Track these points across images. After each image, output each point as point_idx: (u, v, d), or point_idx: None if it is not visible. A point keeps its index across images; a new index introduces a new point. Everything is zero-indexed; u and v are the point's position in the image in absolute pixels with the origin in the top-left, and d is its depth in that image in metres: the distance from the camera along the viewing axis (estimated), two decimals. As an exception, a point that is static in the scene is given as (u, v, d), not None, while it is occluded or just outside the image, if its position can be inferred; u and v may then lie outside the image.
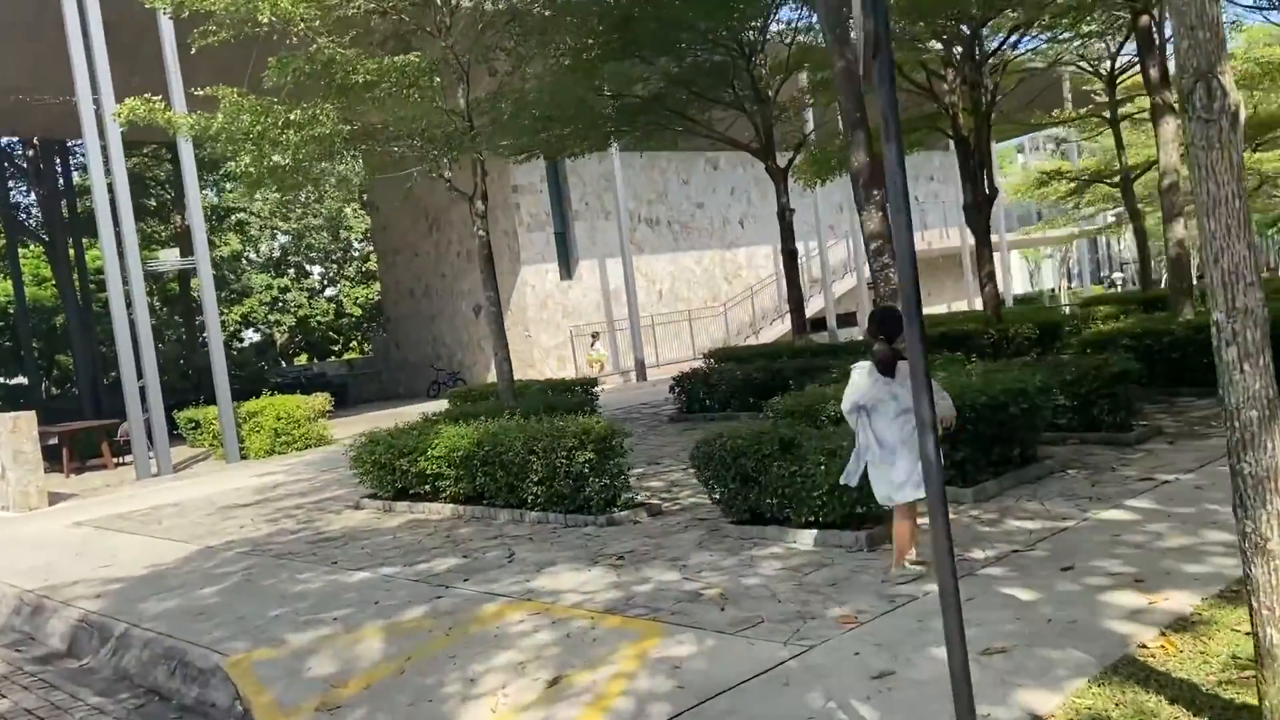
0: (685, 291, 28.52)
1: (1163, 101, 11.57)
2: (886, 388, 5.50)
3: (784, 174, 15.84)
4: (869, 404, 5.57)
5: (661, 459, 11.26)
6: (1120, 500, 6.78)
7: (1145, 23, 11.62)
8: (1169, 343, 11.05)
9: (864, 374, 5.60)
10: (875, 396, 5.54)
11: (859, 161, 8.20)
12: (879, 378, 5.52)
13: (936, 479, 3.12)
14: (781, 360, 14.14)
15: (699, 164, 29.11)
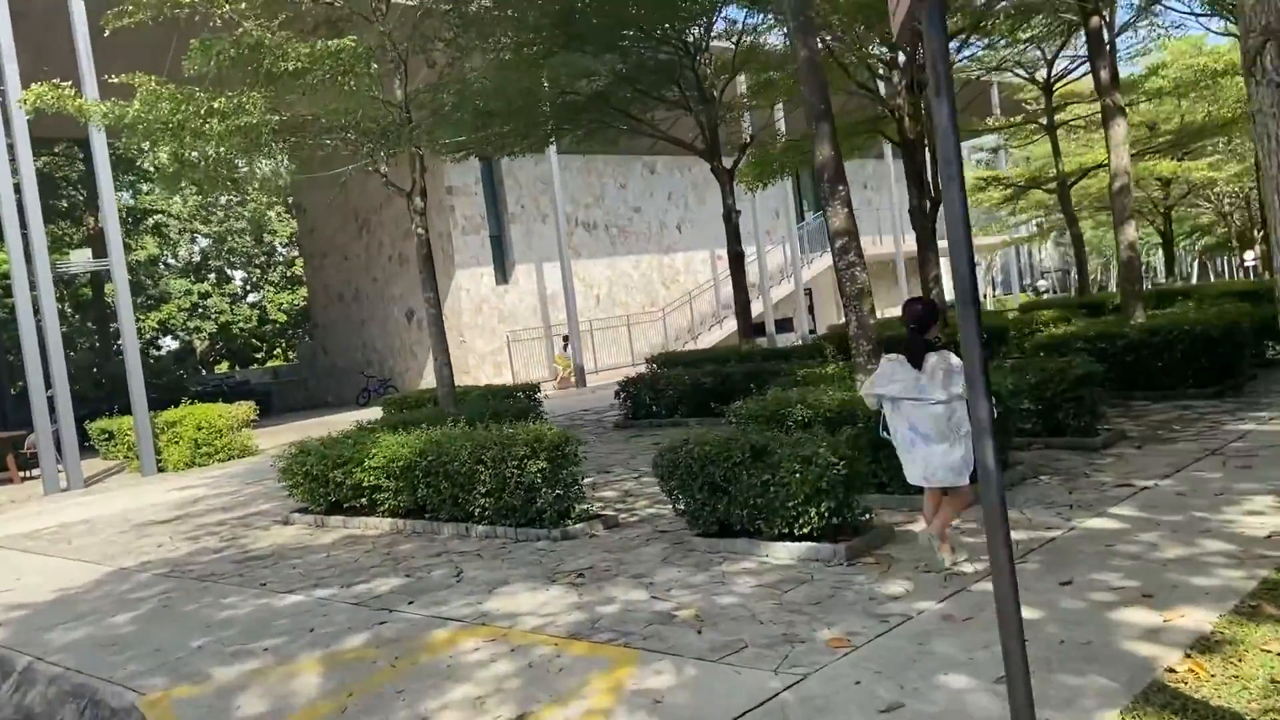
0: (623, 296, 28.09)
1: (1113, 103, 11.50)
2: (915, 380, 5.40)
3: (729, 175, 15.51)
4: (897, 394, 5.47)
5: (612, 467, 10.77)
6: (1103, 508, 6.50)
7: (1096, 24, 11.54)
8: (1123, 346, 10.95)
9: (893, 364, 5.54)
10: (904, 387, 5.45)
11: (824, 155, 7.84)
12: (909, 369, 5.43)
13: (995, 489, 2.70)
14: (730, 365, 13.77)
15: (636, 168, 28.73)
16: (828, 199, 7.87)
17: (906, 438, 5.52)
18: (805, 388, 8.47)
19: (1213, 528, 5.70)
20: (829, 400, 7.52)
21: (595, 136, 16.14)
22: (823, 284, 34.02)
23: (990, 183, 23.20)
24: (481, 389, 15.18)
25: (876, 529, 6.35)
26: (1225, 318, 10.96)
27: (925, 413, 5.39)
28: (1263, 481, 6.61)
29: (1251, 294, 15.13)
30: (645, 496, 8.91)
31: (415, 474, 8.32)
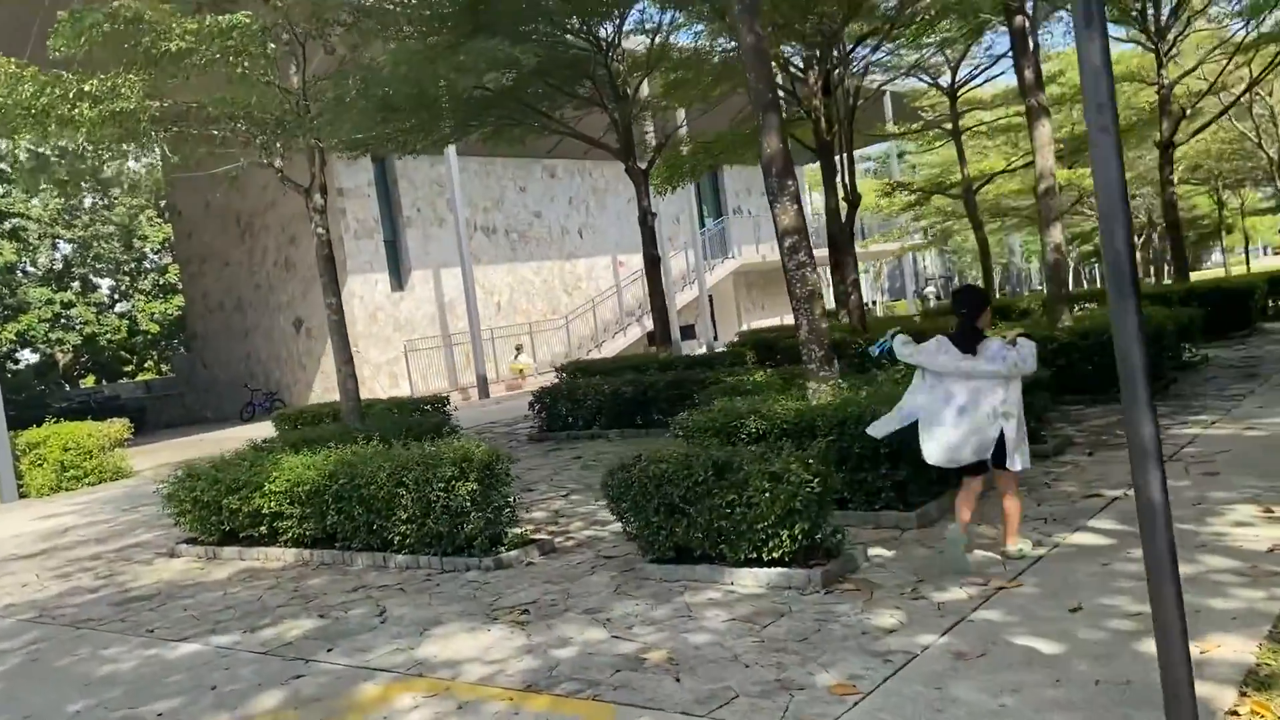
0: (524, 303, 27.28)
1: (1038, 104, 11.39)
2: (957, 363, 5.38)
3: (644, 176, 14.96)
4: (942, 368, 5.44)
5: (535, 485, 10.04)
6: (1079, 521, 6.15)
7: (1020, 23, 11.43)
8: (1054, 350, 10.79)
9: (940, 343, 5.48)
10: (942, 368, 5.43)
11: (772, 148, 7.33)
12: (954, 352, 5.39)
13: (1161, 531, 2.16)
14: (651, 373, 13.19)
15: (536, 171, 27.98)
16: (776, 194, 7.36)
17: (936, 414, 5.44)
18: (752, 397, 7.93)
19: (1207, 542, 5.38)
20: (784, 410, 7.00)
21: (503, 134, 15.37)
22: (723, 291, 33.88)
23: (897, 188, 23.33)
24: (385, 402, 14.23)
25: (847, 551, 5.84)
26: (1152, 321, 10.94)
27: (973, 386, 5.33)
28: (1236, 490, 6.37)
29: (1162, 298, 15.38)
30: (578, 517, 8.24)
31: (324, 499, 7.46)
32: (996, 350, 5.33)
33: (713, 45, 16.32)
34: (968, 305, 5.53)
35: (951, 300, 5.74)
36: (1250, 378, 11.16)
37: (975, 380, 5.34)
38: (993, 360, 5.29)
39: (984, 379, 5.31)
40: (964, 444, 5.37)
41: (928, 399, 5.53)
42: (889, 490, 6.59)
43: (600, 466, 10.59)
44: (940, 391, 5.46)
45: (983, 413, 5.33)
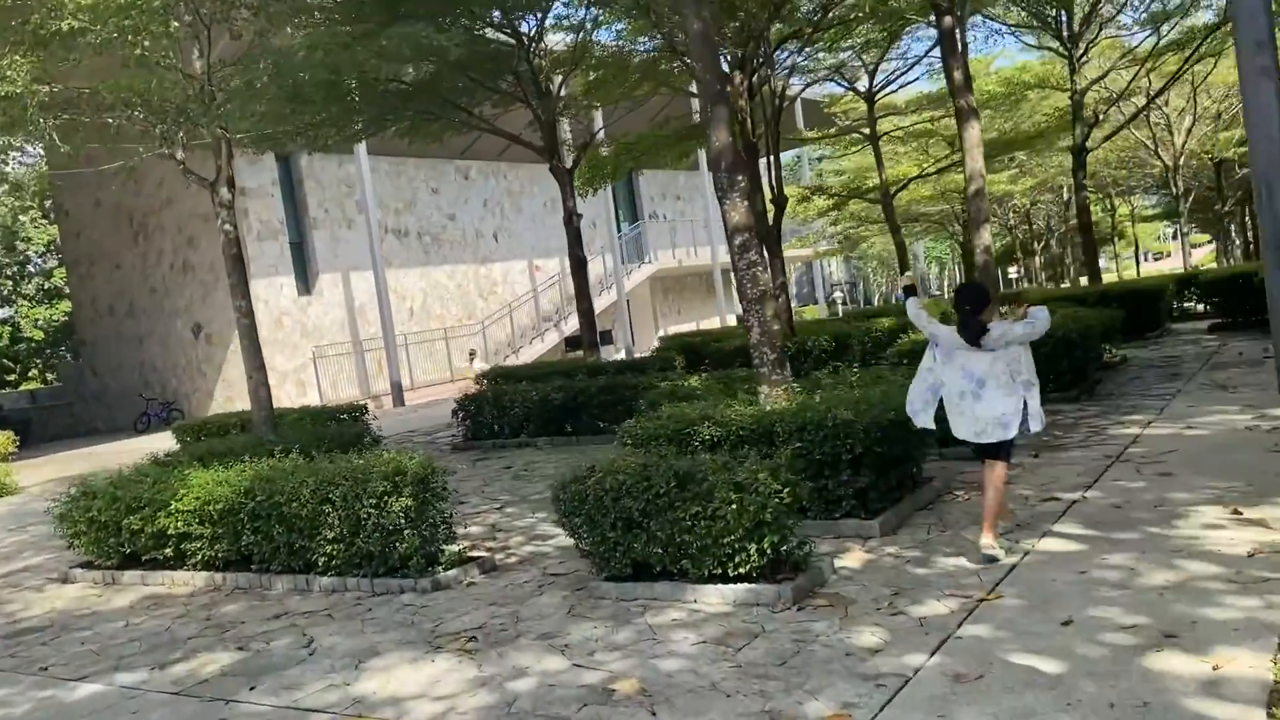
0: (438, 308, 26.52)
1: (967, 105, 11.38)
2: (962, 350, 5.59)
3: (569, 176, 14.54)
4: (947, 348, 5.68)
5: (467, 497, 9.53)
6: (1044, 526, 5.97)
7: (949, 24, 11.40)
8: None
9: (950, 331, 5.68)
10: (950, 347, 5.66)
11: (720, 141, 7.01)
12: (960, 342, 5.59)
13: None
14: (580, 379, 12.77)
15: (449, 172, 27.27)
16: (726, 190, 7.04)
17: (958, 389, 5.62)
18: (700, 402, 7.59)
19: (1182, 546, 5.23)
20: (739, 416, 6.67)
21: (420, 130, 14.76)
22: (639, 295, 33.63)
23: (815, 192, 23.38)
24: (297, 411, 13.46)
25: (814, 564, 5.53)
26: (1081, 321, 11.02)
27: (983, 360, 5.52)
28: (1196, 491, 6.28)
29: (1078, 299, 15.61)
30: (517, 531, 7.78)
31: (240, 518, 6.84)
32: (1001, 331, 5.50)
33: (634, 43, 16.03)
34: (970, 301, 5.61)
35: (955, 295, 5.89)
36: (1174, 377, 11.31)
37: (988, 355, 5.52)
38: (1003, 336, 5.48)
39: (995, 354, 5.50)
40: (997, 414, 5.50)
41: (947, 373, 5.69)
42: (850, 498, 6.32)
43: (533, 477, 10.19)
44: (956, 365, 5.64)
45: (1003, 381, 5.49)
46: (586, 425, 12.11)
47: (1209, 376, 10.89)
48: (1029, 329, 5.54)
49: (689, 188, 36.14)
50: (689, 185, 36.07)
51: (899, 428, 6.36)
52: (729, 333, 18.92)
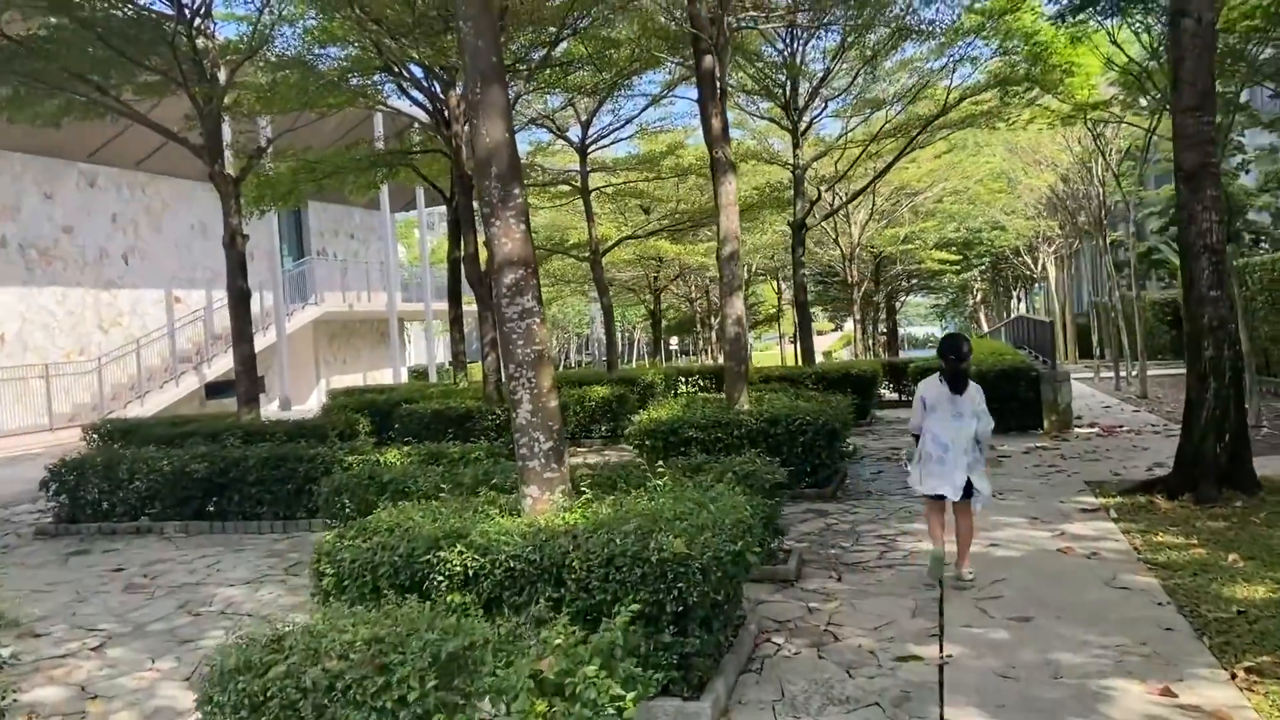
0: (40, 339, 21.45)
1: (724, 157, 10.10)
2: (950, 400, 6.23)
3: (235, 187, 11.59)
4: (930, 405, 6.32)
5: (49, 622, 6.38)
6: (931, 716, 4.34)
7: (709, 65, 10.11)
8: (739, 436, 9.39)
9: (930, 383, 6.39)
10: (935, 400, 6.29)
11: (493, 139, 4.90)
12: (945, 391, 6.25)
13: None
14: (231, 444, 9.84)
15: (70, 176, 22.43)
16: (497, 206, 4.92)
17: (929, 453, 6.30)
18: (430, 503, 5.27)
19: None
20: (506, 539, 4.47)
21: (25, 105, 11.17)
22: (299, 340, 29.95)
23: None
24: None
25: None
26: (836, 408, 9.97)
27: (949, 423, 6.22)
28: (1081, 651, 4.96)
29: (793, 379, 14.93)
30: (123, 697, 4.95)
31: None
32: (972, 393, 6.27)
33: (323, 48, 13.45)
34: (955, 352, 6.27)
35: (940, 346, 6.52)
36: (918, 473, 10.56)
37: (957, 422, 6.20)
38: (975, 406, 6.22)
39: (964, 422, 6.19)
40: (946, 480, 6.19)
41: (925, 437, 6.36)
42: (671, 667, 4.31)
43: (158, 588, 7.15)
44: (929, 434, 6.33)
45: (961, 450, 6.17)
46: (239, 508, 9.21)
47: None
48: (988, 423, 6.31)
49: (365, 227, 33.12)
50: (365, 224, 33.06)
51: (737, 560, 4.50)
52: (417, 391, 16.41)
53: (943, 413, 6.23)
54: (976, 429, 6.15)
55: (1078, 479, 9.55)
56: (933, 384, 6.34)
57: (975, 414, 6.18)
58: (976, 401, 6.22)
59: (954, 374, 6.19)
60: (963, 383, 6.19)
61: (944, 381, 6.24)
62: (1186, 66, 7.89)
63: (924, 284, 43.32)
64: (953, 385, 6.19)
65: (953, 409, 6.19)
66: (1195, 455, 8.04)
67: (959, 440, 6.14)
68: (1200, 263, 7.96)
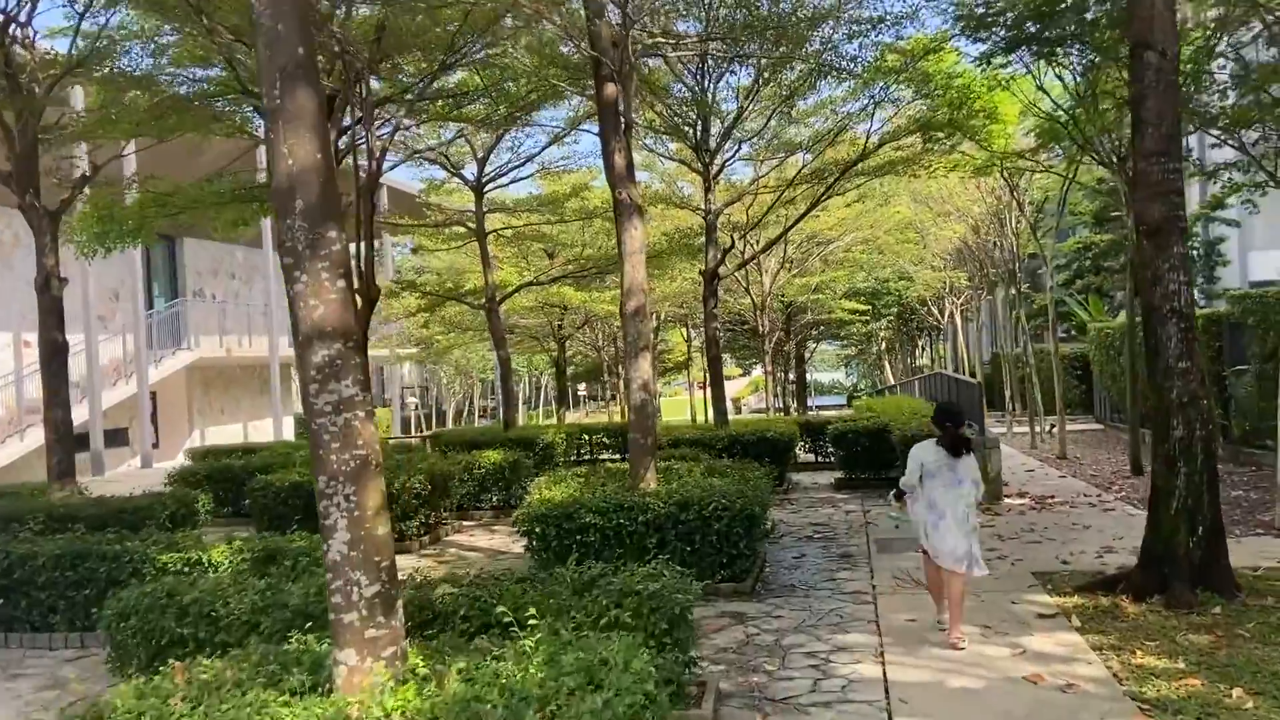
0: None
1: (629, 199, 8.84)
2: (949, 462, 6.41)
3: (52, 222, 9.86)
4: (928, 471, 6.46)
5: None
6: None
7: (612, 94, 8.89)
8: (644, 523, 8.05)
9: (928, 448, 6.54)
10: (935, 466, 6.44)
11: (298, 161, 3.52)
12: (944, 456, 6.43)
13: None
14: (24, 537, 8.05)
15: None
16: (302, 256, 3.52)
17: (924, 518, 6.48)
18: (212, 663, 3.76)
19: None
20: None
21: None
22: (172, 388, 27.63)
23: (405, 289, 19.86)
24: None
25: None
26: (755, 486, 8.71)
27: (946, 491, 6.39)
28: None
29: (705, 444, 13.66)
30: None
31: None
32: (974, 460, 6.51)
33: (178, 66, 11.86)
34: (951, 419, 6.55)
35: (937, 414, 6.71)
36: (845, 559, 9.34)
37: (956, 489, 6.37)
38: (970, 471, 6.43)
39: (963, 488, 6.37)
40: (949, 549, 6.29)
41: (920, 503, 6.54)
42: None
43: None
44: (924, 501, 6.50)
45: (959, 519, 6.34)
46: (26, 616, 7.45)
47: (891, 562, 9.01)
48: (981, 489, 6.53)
49: (249, 266, 31.00)
50: (249, 263, 30.95)
51: None
52: (284, 455, 14.60)
53: (942, 479, 6.39)
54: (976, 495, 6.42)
55: (1023, 568, 8.45)
56: (930, 449, 6.50)
57: (974, 481, 6.43)
58: (973, 468, 6.44)
59: (954, 440, 6.42)
60: (959, 447, 6.40)
61: (941, 447, 6.43)
62: (1149, 106, 6.96)
63: (832, 333, 42.97)
64: (953, 450, 6.39)
65: (953, 476, 6.38)
66: (1165, 551, 6.99)
67: (958, 507, 6.32)
68: (1167, 329, 6.98)
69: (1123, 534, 9.71)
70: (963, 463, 6.39)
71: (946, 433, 6.49)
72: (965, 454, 6.41)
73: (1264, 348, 13.96)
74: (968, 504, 6.34)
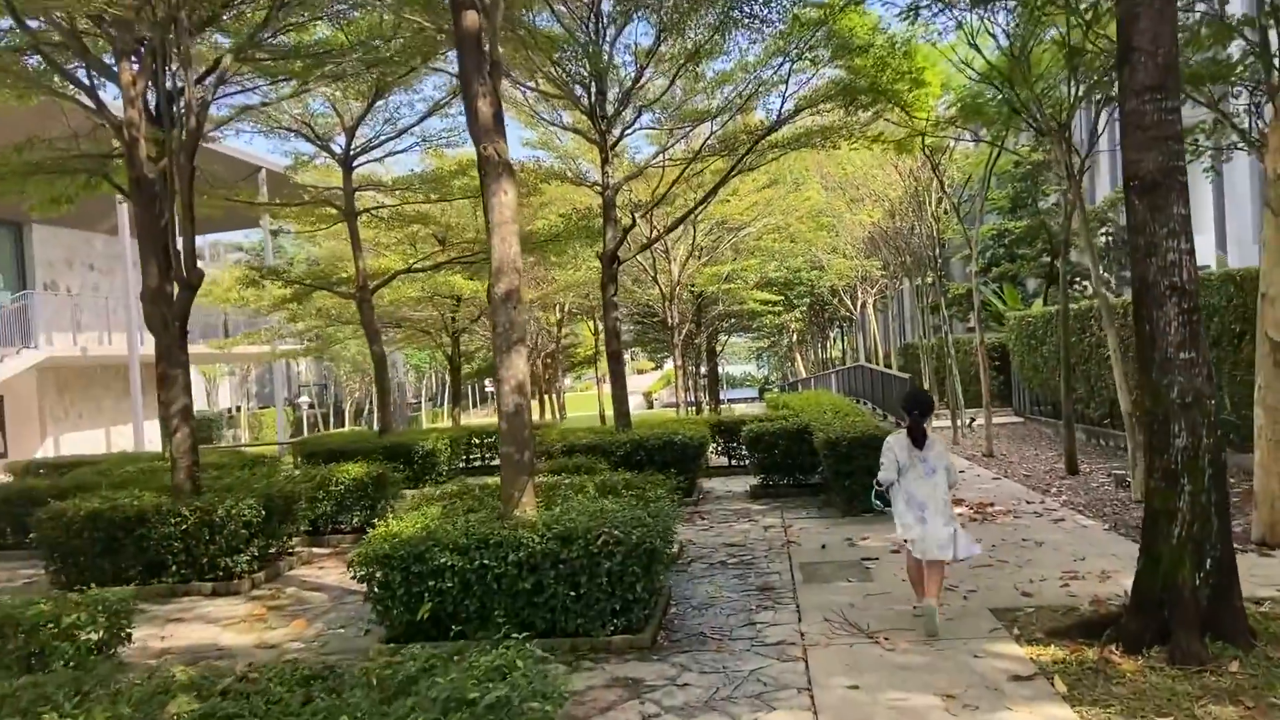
0: None
1: (496, 154, 7.07)
2: (917, 454, 6.42)
3: None
4: (902, 464, 6.44)
5: None
6: None
7: (473, 25, 7.11)
8: (524, 559, 6.33)
9: (899, 440, 6.52)
10: (906, 459, 6.44)
11: None
12: (911, 447, 6.43)
13: None
14: None
15: None
16: None
17: (909, 515, 6.38)
18: None
19: None
20: None
21: None
22: (21, 390, 24.85)
23: (267, 275, 17.65)
24: None
25: None
26: (659, 512, 7.08)
27: (922, 482, 6.39)
28: None
29: (603, 450, 11.97)
30: None
31: None
32: (933, 440, 6.47)
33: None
34: (919, 408, 6.52)
35: (904, 401, 6.76)
36: (765, 593, 7.77)
37: (930, 479, 6.37)
38: (941, 458, 6.47)
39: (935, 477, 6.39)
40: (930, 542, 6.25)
41: (899, 500, 6.46)
42: None
43: None
44: (902, 495, 6.45)
45: (938, 508, 6.33)
46: None
47: (820, 596, 7.47)
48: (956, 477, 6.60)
49: (110, 255, 28.23)
50: (110, 252, 28.17)
51: None
52: (104, 473, 12.40)
53: (914, 471, 6.43)
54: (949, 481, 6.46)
55: (978, 602, 7.00)
56: (901, 441, 6.49)
57: (946, 467, 6.46)
58: (941, 454, 6.49)
59: (915, 428, 6.41)
60: (922, 436, 6.42)
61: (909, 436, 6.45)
62: (1142, 28, 5.51)
63: (744, 325, 41.80)
64: (913, 439, 6.41)
65: (924, 466, 6.41)
66: (1165, 590, 5.57)
67: (935, 497, 6.36)
68: (1165, 310, 5.55)
69: (1083, 553, 8.37)
70: (932, 451, 6.41)
71: (911, 421, 6.46)
72: (926, 442, 6.40)
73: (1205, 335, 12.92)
74: (944, 492, 6.37)
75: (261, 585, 9.15)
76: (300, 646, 7.11)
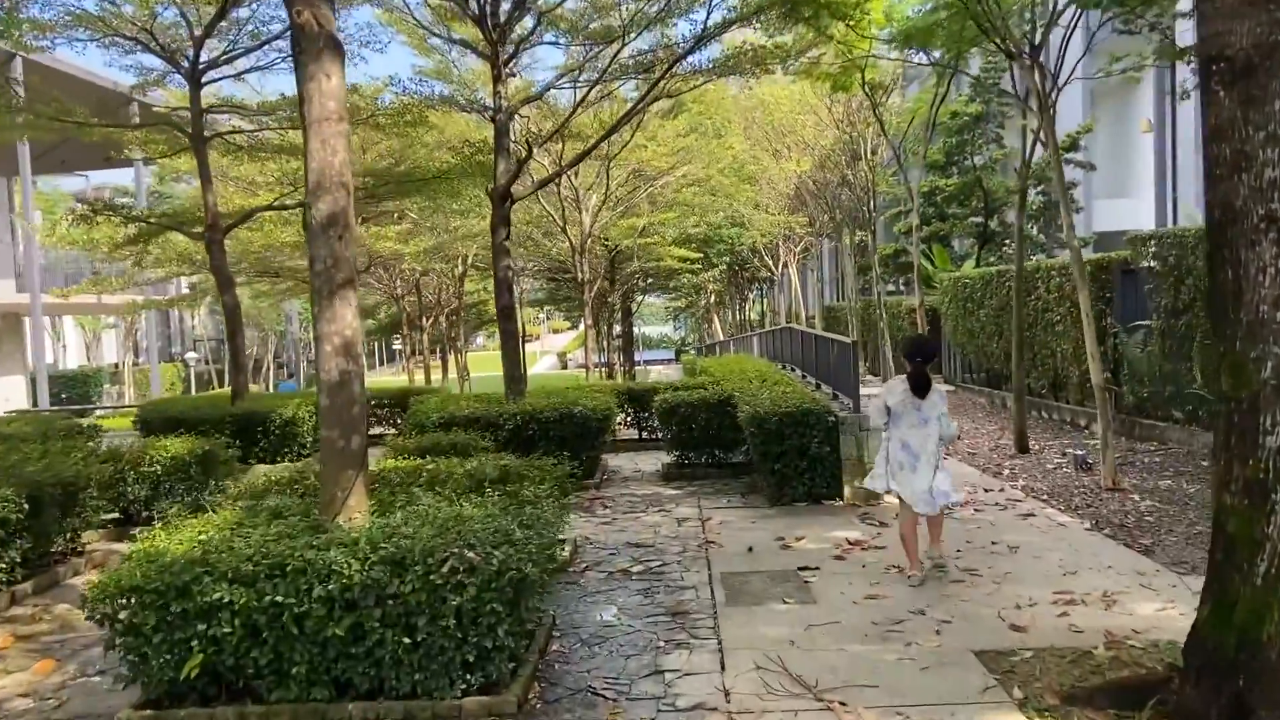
0: None
1: (316, 22, 5.04)
2: (914, 402, 6.32)
3: None
4: (896, 410, 6.37)
5: None
6: None
7: None
8: (322, 598, 4.39)
9: (895, 388, 6.45)
10: (900, 407, 6.34)
11: None
12: (909, 395, 6.33)
13: None
14: None
15: None
16: None
17: (899, 460, 6.38)
18: None
19: None
20: None
21: None
22: None
23: (96, 213, 15.00)
24: None
25: None
26: (543, 522, 5.21)
27: (915, 430, 6.32)
28: None
29: (491, 424, 10.06)
30: None
31: None
32: (940, 397, 6.39)
33: None
34: (922, 355, 6.48)
35: (906, 348, 6.75)
36: (678, 615, 6.00)
37: (924, 428, 6.29)
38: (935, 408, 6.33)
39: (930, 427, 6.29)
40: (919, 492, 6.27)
41: (893, 445, 6.43)
42: None
43: None
44: (896, 440, 6.40)
45: (928, 459, 6.30)
46: None
47: (749, 627, 5.70)
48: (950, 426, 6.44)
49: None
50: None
51: None
52: None
53: (909, 419, 6.35)
54: (941, 432, 6.35)
55: (955, 641, 5.32)
56: (897, 389, 6.43)
57: (939, 417, 6.35)
58: (939, 405, 6.37)
59: (919, 375, 6.34)
60: (927, 385, 6.34)
61: (908, 385, 6.35)
62: None
63: (661, 284, 39.98)
64: (915, 388, 6.33)
65: (919, 415, 6.33)
66: (1243, 649, 3.92)
67: (928, 446, 6.32)
68: (1259, 251, 3.86)
69: (1071, 563, 6.79)
70: (928, 401, 6.33)
71: (914, 369, 6.38)
72: (930, 392, 6.31)
73: (1175, 299, 11.54)
74: (935, 442, 6.31)
75: (27, 600, 7.04)
76: (27, 707, 5.08)
